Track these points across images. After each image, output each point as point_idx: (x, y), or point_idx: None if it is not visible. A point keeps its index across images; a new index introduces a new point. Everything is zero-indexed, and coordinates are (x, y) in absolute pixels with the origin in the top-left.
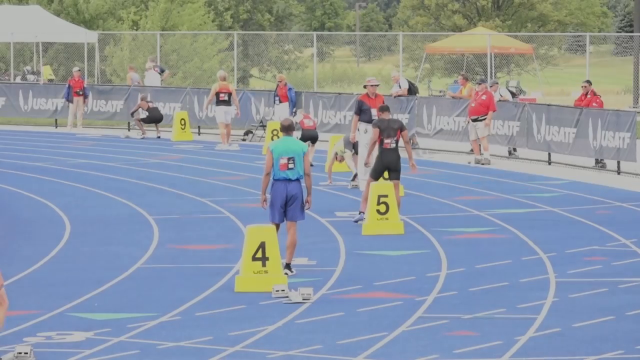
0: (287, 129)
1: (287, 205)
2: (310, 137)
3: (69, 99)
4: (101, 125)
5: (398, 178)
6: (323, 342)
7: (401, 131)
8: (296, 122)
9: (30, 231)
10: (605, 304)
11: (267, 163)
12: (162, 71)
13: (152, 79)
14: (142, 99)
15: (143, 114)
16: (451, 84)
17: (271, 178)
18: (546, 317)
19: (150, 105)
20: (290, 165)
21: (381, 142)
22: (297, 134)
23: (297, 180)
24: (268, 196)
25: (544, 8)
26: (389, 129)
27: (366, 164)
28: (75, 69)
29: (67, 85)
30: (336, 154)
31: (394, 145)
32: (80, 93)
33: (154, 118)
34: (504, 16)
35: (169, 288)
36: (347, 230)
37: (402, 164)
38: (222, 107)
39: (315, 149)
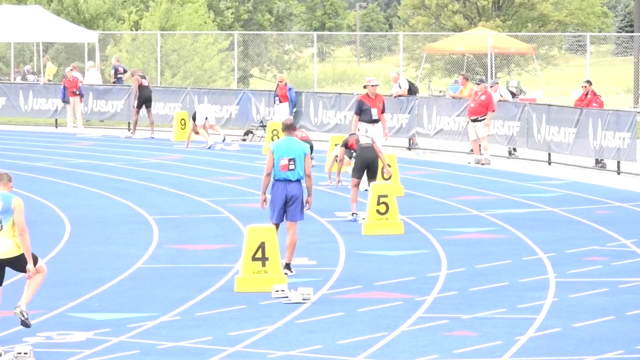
0: (289, 128)
1: (287, 205)
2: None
3: (65, 100)
4: (101, 125)
5: (375, 178)
6: (323, 342)
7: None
8: None
9: (30, 231)
10: (605, 304)
11: (268, 163)
12: (124, 71)
13: (92, 78)
14: (132, 74)
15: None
16: (451, 84)
17: (272, 178)
18: (546, 317)
19: (144, 82)
20: (291, 167)
21: (358, 141)
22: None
23: (298, 181)
24: (268, 196)
25: (544, 8)
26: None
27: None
28: (68, 69)
29: (62, 87)
30: (336, 156)
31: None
32: (76, 93)
33: (144, 98)
34: (504, 16)
35: (169, 288)
36: (347, 230)
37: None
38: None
39: (316, 148)
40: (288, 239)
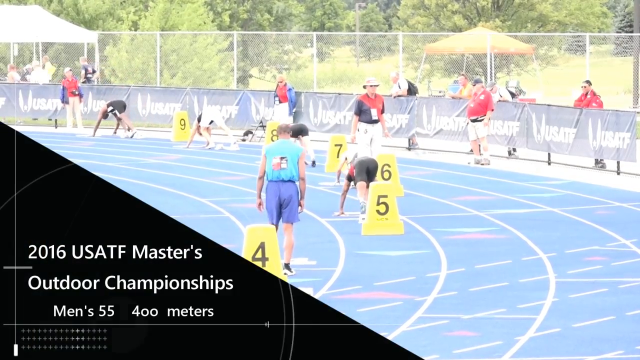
0: (284, 131)
1: (281, 207)
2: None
3: (64, 101)
4: (101, 125)
5: (373, 179)
6: None
7: None
8: None
9: None
10: (605, 304)
11: (260, 166)
12: (93, 71)
13: (38, 77)
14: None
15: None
16: (451, 84)
17: (265, 180)
18: (546, 317)
19: (107, 109)
20: (283, 165)
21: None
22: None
23: (291, 181)
24: (264, 196)
25: (543, 8)
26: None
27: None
28: (67, 69)
29: (61, 87)
30: (346, 158)
31: None
32: (76, 93)
33: (120, 106)
34: (503, 16)
35: None
36: (347, 230)
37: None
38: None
39: (316, 149)
40: (285, 240)
